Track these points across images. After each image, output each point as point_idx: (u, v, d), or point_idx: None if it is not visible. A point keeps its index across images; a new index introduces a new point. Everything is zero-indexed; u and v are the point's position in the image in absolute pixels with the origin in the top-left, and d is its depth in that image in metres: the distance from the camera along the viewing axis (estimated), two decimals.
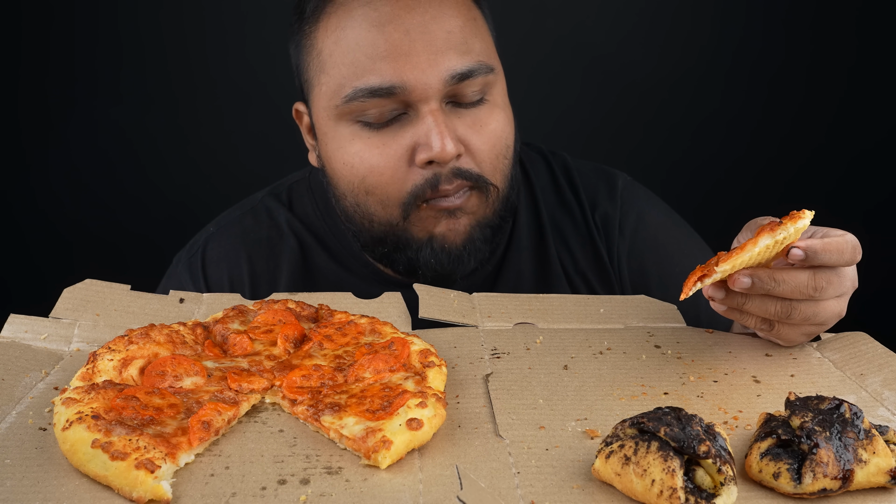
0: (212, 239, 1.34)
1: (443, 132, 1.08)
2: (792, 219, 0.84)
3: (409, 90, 1.09)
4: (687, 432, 0.66)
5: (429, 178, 1.11)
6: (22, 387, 0.86)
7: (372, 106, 1.10)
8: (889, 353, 0.93)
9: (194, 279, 1.31)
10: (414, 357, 0.87)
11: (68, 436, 0.72)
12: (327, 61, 1.13)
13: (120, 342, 0.86)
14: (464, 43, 1.11)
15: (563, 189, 1.34)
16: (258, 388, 0.83)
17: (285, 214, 1.33)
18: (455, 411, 0.82)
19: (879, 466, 0.68)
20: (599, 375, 0.90)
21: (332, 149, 1.17)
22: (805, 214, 0.84)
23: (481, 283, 1.28)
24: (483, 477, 0.71)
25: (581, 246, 1.32)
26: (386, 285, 1.26)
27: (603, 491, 0.69)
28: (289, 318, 0.95)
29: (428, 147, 1.09)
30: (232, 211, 1.38)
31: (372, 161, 1.12)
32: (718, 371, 0.92)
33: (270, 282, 1.30)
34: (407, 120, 1.11)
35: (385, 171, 1.12)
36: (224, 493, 0.68)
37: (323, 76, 1.14)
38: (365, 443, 0.72)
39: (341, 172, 1.17)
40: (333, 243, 1.31)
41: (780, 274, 0.86)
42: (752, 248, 0.83)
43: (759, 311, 0.89)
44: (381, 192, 1.14)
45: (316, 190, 1.34)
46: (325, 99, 1.15)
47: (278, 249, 1.31)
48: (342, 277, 1.30)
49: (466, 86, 1.11)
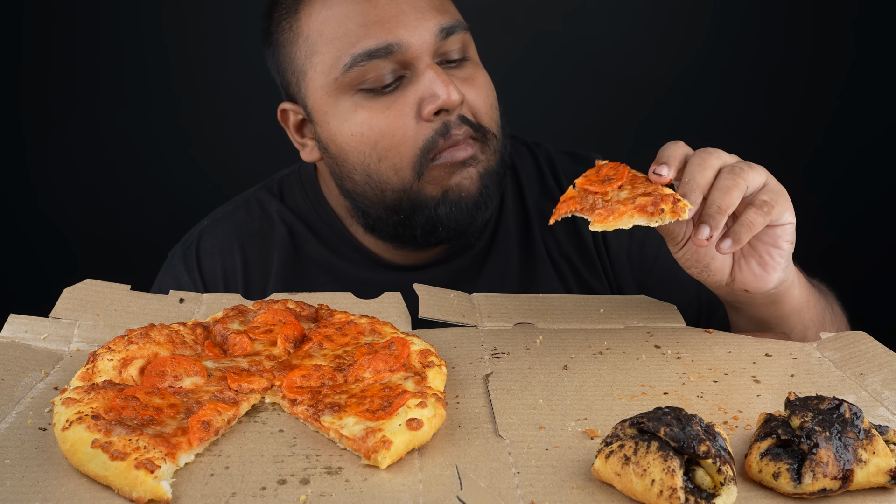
0: (206, 231, 1.37)
1: (446, 80, 1.13)
2: (673, 213, 0.86)
3: (405, 47, 1.13)
4: (687, 432, 0.66)
5: (438, 128, 1.14)
6: (22, 387, 0.86)
7: (371, 70, 1.14)
8: (889, 353, 0.93)
9: (189, 270, 1.34)
10: (414, 357, 0.87)
11: (68, 436, 0.72)
12: (318, 41, 1.17)
13: (120, 342, 0.86)
14: (441, 4, 1.20)
15: (546, 177, 1.39)
16: (258, 388, 0.83)
17: (276, 205, 1.37)
18: (455, 411, 0.82)
19: (879, 466, 0.68)
20: (599, 375, 0.90)
21: (335, 125, 1.19)
22: (685, 211, 0.87)
23: (469, 266, 1.32)
24: (483, 477, 0.71)
25: (564, 229, 1.35)
26: (375, 268, 1.31)
27: (603, 491, 0.69)
28: (289, 318, 0.95)
29: (434, 97, 1.13)
30: (226, 206, 1.42)
31: (381, 124, 1.15)
32: (718, 371, 0.92)
33: (263, 271, 1.33)
34: (406, 82, 1.16)
35: (396, 131, 1.15)
36: (224, 493, 0.69)
37: (315, 57, 1.18)
38: (365, 443, 0.72)
39: (350, 145, 1.18)
40: (323, 229, 1.34)
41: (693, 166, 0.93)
42: (626, 221, 0.87)
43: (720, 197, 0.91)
44: (394, 153, 1.16)
45: (306, 181, 1.38)
46: (321, 77, 1.18)
47: (270, 239, 1.35)
48: (332, 262, 1.33)
49: (451, 42, 1.17)
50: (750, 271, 0.98)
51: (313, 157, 1.27)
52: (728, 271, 1.00)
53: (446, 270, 1.31)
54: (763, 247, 0.97)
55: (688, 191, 0.92)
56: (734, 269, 1.00)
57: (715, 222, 0.90)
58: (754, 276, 0.98)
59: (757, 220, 0.91)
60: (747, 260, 0.99)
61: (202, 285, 1.33)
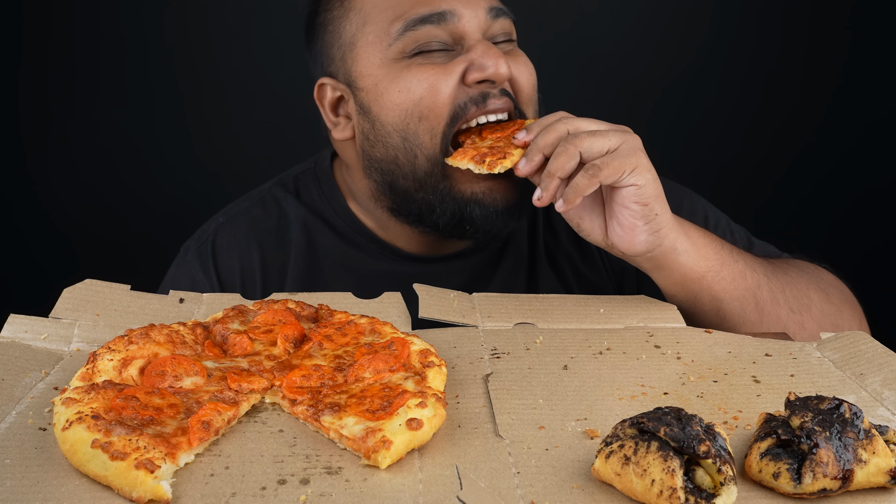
0: (221, 228, 1.36)
1: (497, 53, 1.16)
2: (489, 166, 1.08)
3: (458, 16, 1.17)
4: (687, 432, 0.66)
5: (473, 95, 1.17)
6: (22, 387, 0.86)
7: (424, 36, 1.17)
8: (889, 353, 0.93)
9: (204, 267, 1.33)
10: (414, 357, 0.87)
11: (68, 436, 0.72)
12: (371, 11, 1.21)
13: (120, 342, 0.86)
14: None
15: None
16: (258, 388, 0.83)
17: (293, 202, 1.37)
18: (455, 411, 0.82)
19: (879, 466, 0.68)
20: (599, 375, 0.90)
21: (384, 85, 1.20)
22: (494, 168, 1.07)
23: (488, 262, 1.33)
24: (483, 477, 0.71)
25: (565, 226, 1.35)
26: (394, 259, 1.31)
27: (603, 491, 0.69)
28: (289, 318, 0.95)
29: (482, 67, 1.15)
30: (240, 202, 1.41)
31: (430, 80, 1.17)
32: (718, 371, 0.92)
33: (281, 269, 1.33)
34: (456, 55, 1.18)
35: (443, 90, 1.16)
36: (224, 493, 0.69)
37: (368, 26, 1.21)
38: (365, 443, 0.72)
39: (395, 101, 1.19)
40: (339, 223, 1.35)
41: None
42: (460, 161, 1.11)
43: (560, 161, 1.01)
44: (435, 113, 1.17)
45: (322, 177, 1.38)
46: (372, 46, 1.20)
47: (287, 237, 1.34)
48: (349, 254, 1.33)
49: (499, 25, 1.21)
50: (615, 233, 1.05)
51: (345, 134, 1.27)
52: (600, 231, 1.07)
53: (465, 265, 1.32)
54: (617, 208, 1.04)
55: (528, 150, 1.05)
56: (607, 231, 1.07)
57: (545, 185, 1.02)
58: (620, 237, 1.05)
59: (582, 182, 0.99)
60: (612, 221, 1.06)
61: (218, 284, 1.32)
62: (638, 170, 1.00)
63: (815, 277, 1.21)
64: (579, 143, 1.00)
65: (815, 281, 1.19)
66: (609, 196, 1.05)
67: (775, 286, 1.14)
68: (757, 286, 1.12)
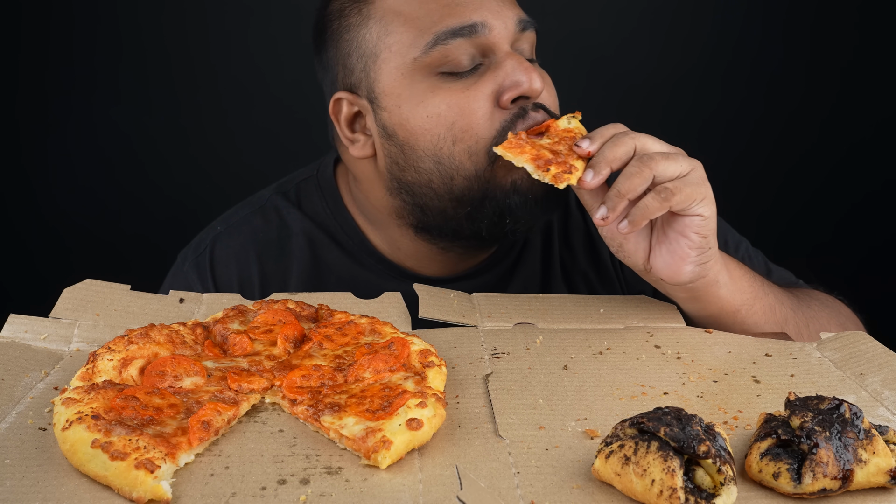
0: (220, 238, 1.33)
1: (529, 67, 1.12)
2: (554, 178, 0.97)
3: (489, 28, 1.13)
4: (687, 432, 0.66)
5: (515, 112, 1.12)
6: (22, 387, 0.86)
7: (453, 50, 1.12)
8: (889, 353, 0.93)
9: (202, 278, 1.30)
10: (414, 357, 0.87)
11: (68, 436, 0.72)
12: (394, 21, 1.15)
13: (120, 342, 0.86)
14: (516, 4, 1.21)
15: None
16: (258, 388, 0.83)
17: (295, 213, 1.33)
18: (455, 411, 0.82)
19: (879, 466, 0.68)
20: (599, 375, 0.90)
21: (408, 108, 1.15)
22: (564, 183, 0.96)
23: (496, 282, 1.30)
24: (483, 477, 0.71)
25: (582, 245, 1.34)
26: (402, 279, 1.26)
27: (603, 491, 0.69)
28: (289, 318, 0.95)
29: (516, 85, 1.11)
30: (239, 209, 1.37)
31: (460, 104, 1.12)
32: (718, 371, 0.92)
33: (280, 282, 1.29)
34: (484, 70, 1.14)
35: (476, 111, 1.12)
36: (224, 493, 0.68)
37: (390, 37, 1.15)
38: (365, 443, 0.72)
39: (423, 128, 1.14)
40: (345, 239, 1.31)
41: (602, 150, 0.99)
42: (517, 159, 1.01)
43: (628, 184, 0.95)
44: (470, 135, 1.12)
45: (325, 188, 1.34)
46: (397, 58, 1.15)
47: (288, 250, 1.31)
48: (355, 273, 1.29)
49: (526, 38, 1.17)
50: (662, 259, 1.01)
51: (364, 152, 1.21)
52: (643, 255, 1.03)
53: (473, 285, 1.25)
54: (673, 235, 1.00)
55: (595, 163, 0.98)
56: (651, 255, 1.02)
57: (612, 204, 0.95)
58: (666, 264, 1.01)
59: (653, 205, 0.95)
60: (660, 247, 1.02)
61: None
62: (706, 200, 0.97)
63: (834, 312, 1.20)
64: (654, 166, 0.95)
65: (834, 315, 1.19)
66: (667, 223, 1.01)
67: (800, 321, 1.13)
68: (784, 320, 1.11)
